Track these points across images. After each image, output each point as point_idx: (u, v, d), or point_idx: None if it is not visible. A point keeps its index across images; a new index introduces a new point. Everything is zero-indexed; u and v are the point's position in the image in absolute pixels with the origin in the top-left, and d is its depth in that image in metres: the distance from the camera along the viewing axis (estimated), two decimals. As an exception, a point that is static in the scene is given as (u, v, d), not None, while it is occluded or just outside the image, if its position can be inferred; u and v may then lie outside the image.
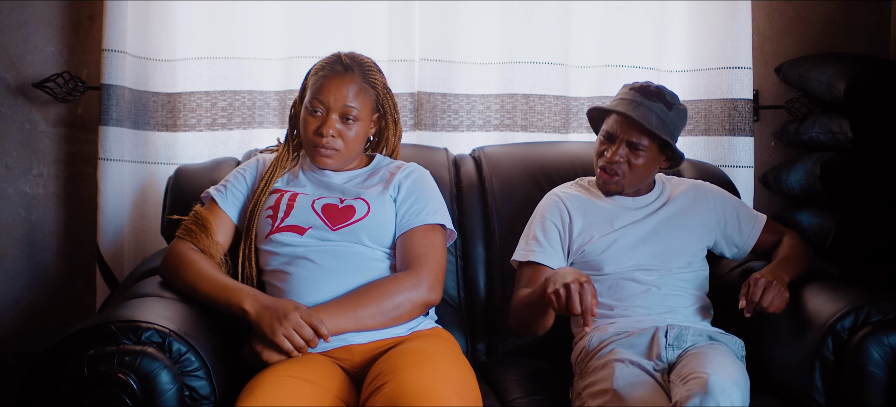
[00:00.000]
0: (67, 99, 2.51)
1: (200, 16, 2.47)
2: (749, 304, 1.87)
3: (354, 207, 1.93)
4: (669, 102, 2.04)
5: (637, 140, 2.02)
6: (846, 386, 1.77)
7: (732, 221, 2.13)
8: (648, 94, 2.03)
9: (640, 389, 1.72)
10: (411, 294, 1.84)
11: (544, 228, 2.07)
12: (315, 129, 1.94)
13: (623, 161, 2.03)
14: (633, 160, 2.03)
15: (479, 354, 2.23)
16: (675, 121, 2.04)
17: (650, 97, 2.02)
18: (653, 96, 2.03)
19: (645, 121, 1.99)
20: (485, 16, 2.52)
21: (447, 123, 2.54)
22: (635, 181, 2.07)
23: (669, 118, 2.02)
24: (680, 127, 2.08)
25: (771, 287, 1.86)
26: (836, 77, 2.37)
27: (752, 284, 1.88)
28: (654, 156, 2.05)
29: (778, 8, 2.69)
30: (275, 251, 1.90)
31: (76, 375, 1.55)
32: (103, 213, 2.41)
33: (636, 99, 2.03)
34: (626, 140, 2.02)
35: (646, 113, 2.00)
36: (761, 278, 1.88)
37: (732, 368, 1.71)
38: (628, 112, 2.01)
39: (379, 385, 1.64)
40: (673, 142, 2.03)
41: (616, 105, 2.05)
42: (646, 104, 2.02)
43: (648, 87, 2.05)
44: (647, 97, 2.02)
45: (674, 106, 2.04)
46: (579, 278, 1.78)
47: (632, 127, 2.02)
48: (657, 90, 2.04)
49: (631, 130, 2.02)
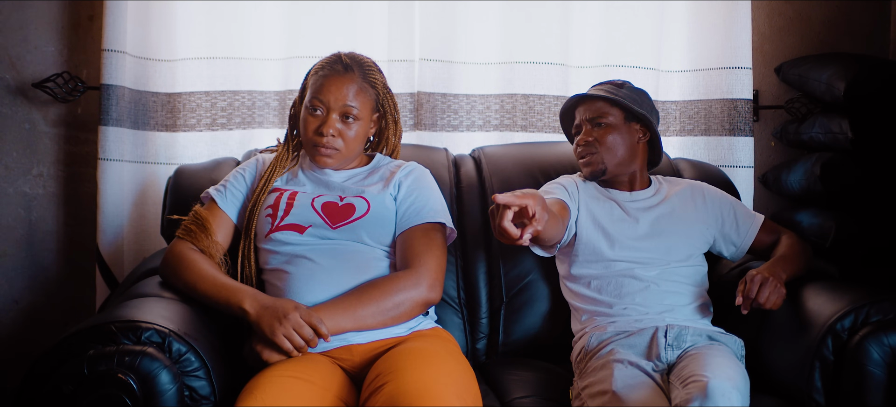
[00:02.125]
0: (67, 99, 2.51)
1: (200, 16, 2.47)
2: (745, 300, 1.87)
3: (354, 205, 1.93)
4: (618, 84, 2.16)
5: (596, 113, 2.10)
6: (846, 386, 1.77)
7: (730, 220, 2.13)
8: (595, 85, 2.20)
9: (639, 390, 1.72)
10: (411, 293, 1.84)
11: (559, 183, 2.12)
12: (315, 128, 1.94)
13: (592, 139, 2.10)
14: (600, 136, 2.09)
15: (479, 354, 2.23)
16: (630, 95, 2.13)
17: (597, 85, 2.19)
18: (599, 84, 2.19)
19: (593, 93, 2.13)
20: (485, 16, 2.53)
21: (447, 123, 2.54)
22: (614, 156, 2.10)
23: (621, 94, 2.12)
24: (641, 103, 2.14)
25: (767, 283, 1.87)
26: (835, 77, 2.37)
27: (748, 280, 1.89)
28: (622, 125, 2.11)
29: (778, 8, 2.69)
30: (274, 250, 1.90)
31: (76, 375, 1.54)
32: (103, 213, 2.41)
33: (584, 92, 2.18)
34: (587, 119, 2.12)
35: (594, 91, 2.14)
36: (758, 275, 1.89)
37: (732, 371, 1.71)
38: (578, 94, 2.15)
39: (379, 385, 1.64)
40: (635, 108, 2.09)
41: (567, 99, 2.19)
42: (594, 87, 2.18)
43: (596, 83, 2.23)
44: (594, 86, 2.19)
45: (625, 85, 2.16)
46: (510, 203, 1.58)
47: (587, 106, 2.13)
48: (603, 82, 2.20)
49: (588, 109, 2.12)
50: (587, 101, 2.14)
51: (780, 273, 1.93)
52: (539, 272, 2.22)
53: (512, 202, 1.58)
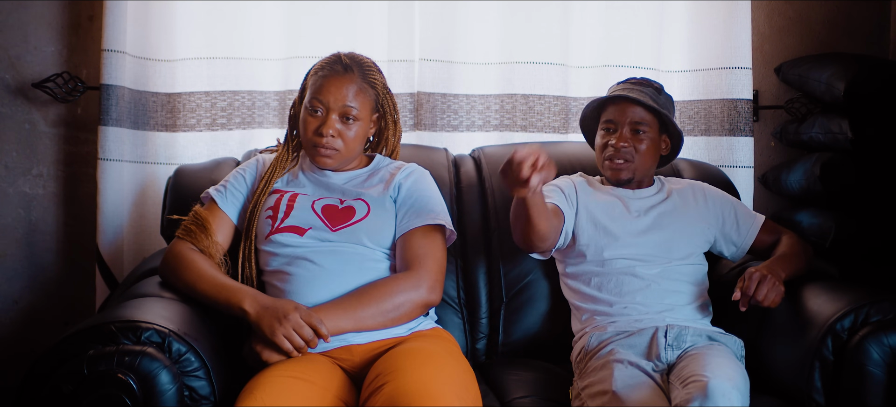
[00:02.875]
0: (67, 99, 2.51)
1: (200, 16, 2.47)
2: (744, 297, 1.87)
3: (354, 208, 1.93)
4: (657, 88, 2.13)
5: (639, 120, 2.08)
6: (846, 386, 1.77)
7: (730, 219, 2.14)
8: (637, 83, 2.14)
9: (638, 390, 1.72)
10: (411, 295, 1.84)
11: (556, 185, 2.11)
12: (315, 129, 1.94)
13: (629, 145, 2.08)
14: (637, 145, 2.08)
15: (479, 354, 2.23)
16: (666, 104, 2.13)
17: (640, 85, 2.13)
18: (642, 84, 2.13)
19: (643, 98, 2.07)
20: (484, 16, 2.52)
21: (447, 124, 2.54)
22: (643, 166, 2.11)
23: (661, 101, 2.11)
24: (671, 111, 2.14)
25: (765, 281, 1.87)
26: (835, 77, 2.37)
27: (747, 277, 1.89)
28: (655, 137, 2.11)
29: (778, 8, 2.69)
30: (275, 252, 1.90)
31: (76, 375, 1.54)
32: (103, 213, 2.41)
33: (628, 87, 2.12)
34: (628, 122, 2.08)
35: (641, 95, 2.09)
36: (756, 272, 1.89)
37: (732, 371, 1.71)
38: (627, 93, 2.08)
39: (379, 385, 1.64)
40: (673, 122, 2.10)
41: (613, 93, 2.13)
42: (638, 89, 2.11)
43: (634, 78, 2.16)
44: (637, 85, 2.13)
45: (661, 91, 2.14)
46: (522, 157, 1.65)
47: (631, 109, 2.08)
48: (644, 79, 2.15)
49: (631, 112, 2.08)
50: (627, 102, 2.09)
51: (779, 272, 1.93)
52: (539, 272, 2.22)
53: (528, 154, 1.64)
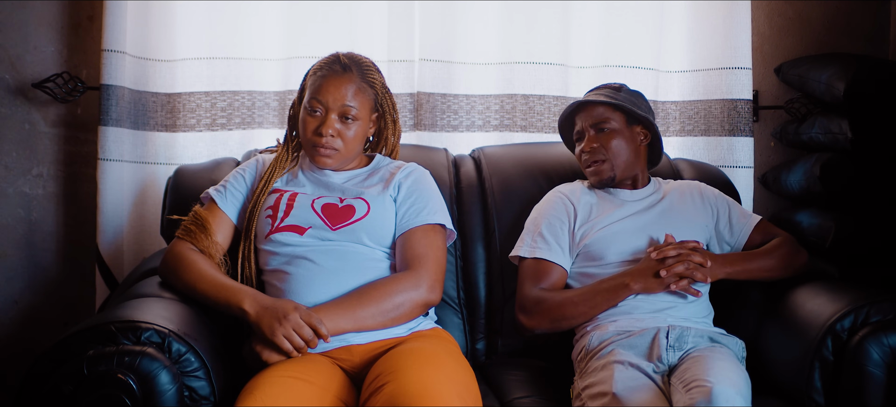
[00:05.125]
0: (67, 99, 2.51)
1: (200, 16, 2.47)
2: (657, 250, 1.96)
3: (354, 207, 1.93)
4: (616, 88, 2.18)
5: (600, 118, 2.11)
6: (846, 386, 1.77)
7: (724, 218, 2.14)
8: (594, 89, 2.21)
9: (639, 392, 1.72)
10: (411, 294, 1.84)
11: (551, 225, 2.09)
12: (314, 129, 1.94)
13: (599, 145, 2.10)
14: (605, 142, 2.10)
15: (479, 354, 2.23)
16: (628, 98, 2.15)
17: (594, 90, 2.20)
18: (596, 88, 2.20)
19: (595, 98, 2.13)
20: (484, 16, 2.52)
21: (447, 124, 2.54)
22: (621, 161, 2.12)
23: (621, 97, 2.13)
24: (638, 105, 2.15)
25: (683, 259, 1.94)
26: (835, 77, 2.37)
27: (679, 245, 1.97)
28: (623, 129, 2.12)
29: (777, 8, 2.69)
30: (274, 251, 1.90)
31: (76, 375, 1.55)
32: (103, 213, 2.41)
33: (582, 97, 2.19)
34: (590, 125, 2.12)
35: (594, 96, 2.15)
36: (693, 250, 1.96)
37: (735, 376, 1.71)
38: (584, 100, 2.16)
39: (379, 386, 1.64)
40: (637, 111, 2.11)
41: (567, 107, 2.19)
42: (594, 93, 2.18)
43: (592, 88, 2.24)
44: (592, 91, 2.20)
45: (622, 88, 2.18)
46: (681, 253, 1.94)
47: (588, 112, 2.13)
48: (601, 86, 2.21)
49: (590, 115, 2.13)
50: (587, 107, 2.14)
51: (722, 264, 1.98)
52: (539, 272, 2.22)
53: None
